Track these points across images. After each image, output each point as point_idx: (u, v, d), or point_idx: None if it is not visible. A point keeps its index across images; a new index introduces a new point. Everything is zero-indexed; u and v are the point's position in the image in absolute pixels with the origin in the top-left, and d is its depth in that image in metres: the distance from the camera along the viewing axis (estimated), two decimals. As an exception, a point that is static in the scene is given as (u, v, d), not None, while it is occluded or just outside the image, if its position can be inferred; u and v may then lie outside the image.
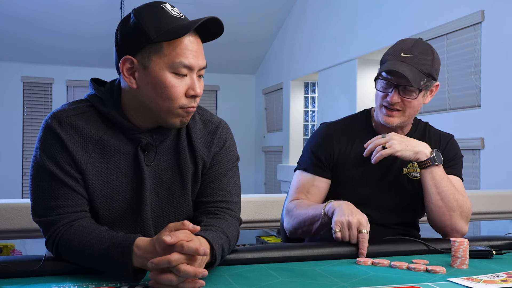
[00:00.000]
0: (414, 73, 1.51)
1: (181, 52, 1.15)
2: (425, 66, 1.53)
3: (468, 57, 4.06)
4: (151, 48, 1.15)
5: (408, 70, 1.50)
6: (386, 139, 1.54)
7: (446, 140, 1.69)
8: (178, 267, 0.98)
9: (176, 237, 1.00)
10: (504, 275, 1.18)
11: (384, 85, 1.57)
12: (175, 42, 1.15)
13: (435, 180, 1.53)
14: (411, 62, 1.52)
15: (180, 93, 1.17)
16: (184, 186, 1.27)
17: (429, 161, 1.52)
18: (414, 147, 1.53)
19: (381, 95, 1.59)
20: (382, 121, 1.60)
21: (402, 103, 1.56)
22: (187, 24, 1.15)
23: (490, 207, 2.68)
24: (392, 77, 1.54)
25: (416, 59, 1.53)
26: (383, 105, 1.59)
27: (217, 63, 8.02)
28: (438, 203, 1.53)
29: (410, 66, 1.51)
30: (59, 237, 1.14)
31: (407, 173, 1.64)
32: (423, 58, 1.54)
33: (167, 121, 1.21)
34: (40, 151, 1.18)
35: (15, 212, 1.84)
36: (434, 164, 1.52)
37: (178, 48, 1.15)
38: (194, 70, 1.18)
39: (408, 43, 1.57)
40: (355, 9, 5.75)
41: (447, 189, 1.53)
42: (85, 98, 1.26)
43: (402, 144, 1.52)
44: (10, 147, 7.89)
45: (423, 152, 1.53)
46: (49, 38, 7.31)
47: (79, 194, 1.18)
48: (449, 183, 1.54)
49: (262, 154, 8.71)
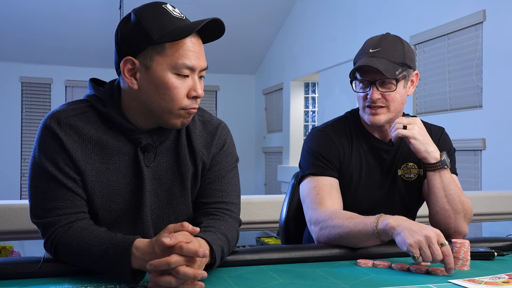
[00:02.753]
0: (386, 64, 1.50)
1: (184, 53, 1.15)
2: (396, 55, 1.53)
3: (469, 57, 4.05)
4: (153, 49, 1.14)
5: (378, 62, 1.49)
6: (410, 121, 1.52)
7: (438, 134, 1.67)
8: (178, 269, 0.97)
9: (175, 238, 0.99)
10: (506, 276, 1.17)
11: (362, 85, 1.57)
12: (177, 43, 1.14)
13: (443, 183, 1.52)
14: (380, 55, 1.52)
15: (182, 94, 1.17)
16: (184, 187, 1.27)
17: (440, 164, 1.51)
18: (428, 145, 1.52)
19: (362, 96, 1.57)
20: (368, 122, 1.57)
21: (384, 98, 1.54)
22: (190, 25, 1.15)
23: (491, 208, 2.67)
24: (366, 74, 1.54)
25: (385, 51, 1.52)
26: (366, 106, 1.57)
27: (217, 63, 8.02)
28: (444, 206, 1.52)
29: (380, 59, 1.51)
30: (57, 238, 1.14)
31: (402, 175, 1.64)
32: (392, 49, 1.53)
33: (168, 122, 1.20)
34: (38, 152, 1.17)
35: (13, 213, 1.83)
36: (443, 168, 1.51)
37: (180, 49, 1.15)
38: (196, 71, 1.18)
39: (375, 39, 1.58)
40: (355, 8, 5.75)
41: (453, 192, 1.52)
42: (84, 99, 1.25)
43: (420, 135, 1.51)
44: (8, 147, 7.89)
45: (433, 154, 1.51)
46: (48, 38, 7.31)
47: (77, 195, 1.17)
48: (456, 186, 1.53)
49: (262, 155, 8.70)
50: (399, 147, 1.64)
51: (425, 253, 1.17)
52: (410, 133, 1.51)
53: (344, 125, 1.66)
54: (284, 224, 1.91)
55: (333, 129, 1.65)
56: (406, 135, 1.51)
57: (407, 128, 1.51)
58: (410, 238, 1.19)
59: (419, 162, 1.63)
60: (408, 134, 1.51)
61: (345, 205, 1.55)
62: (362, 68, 1.53)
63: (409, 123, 1.52)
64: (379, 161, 1.62)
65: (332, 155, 1.59)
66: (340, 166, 1.60)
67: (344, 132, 1.64)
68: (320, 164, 1.58)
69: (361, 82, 1.57)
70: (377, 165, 1.62)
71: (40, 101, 8.08)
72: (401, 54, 1.54)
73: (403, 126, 1.52)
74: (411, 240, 1.19)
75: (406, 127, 1.51)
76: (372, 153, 1.63)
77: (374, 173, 1.63)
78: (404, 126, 1.52)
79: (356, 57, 1.60)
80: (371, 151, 1.63)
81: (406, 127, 1.51)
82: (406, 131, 1.51)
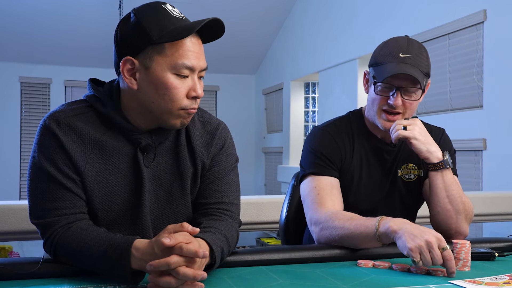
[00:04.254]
0: (418, 74, 1.48)
1: (184, 53, 1.15)
2: (423, 65, 1.51)
3: (470, 57, 4.05)
4: (153, 49, 1.14)
5: (414, 71, 1.47)
6: (410, 122, 1.51)
7: (439, 136, 1.66)
8: (177, 269, 0.97)
9: (175, 239, 0.99)
10: (507, 277, 1.17)
11: (384, 89, 1.53)
12: (177, 43, 1.14)
13: (445, 184, 1.51)
14: (411, 62, 1.49)
15: (181, 94, 1.17)
16: (184, 187, 1.26)
17: (442, 164, 1.50)
18: (429, 145, 1.51)
19: (380, 99, 1.54)
20: (381, 127, 1.55)
21: (403, 105, 1.52)
22: (189, 25, 1.15)
23: (492, 208, 2.67)
24: (394, 79, 1.49)
25: (416, 59, 1.50)
26: (383, 109, 1.54)
27: (217, 63, 8.02)
28: (446, 207, 1.51)
29: (413, 67, 1.48)
30: (57, 239, 1.14)
31: (401, 175, 1.63)
32: (420, 57, 1.51)
33: (167, 122, 1.20)
34: (38, 152, 1.17)
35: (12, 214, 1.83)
36: (446, 167, 1.51)
37: (180, 49, 1.15)
38: (195, 71, 1.18)
39: (401, 42, 1.53)
40: (356, 8, 5.74)
41: (455, 192, 1.51)
42: (84, 99, 1.25)
43: (421, 135, 1.50)
44: (7, 148, 7.87)
45: (435, 154, 1.50)
46: (47, 38, 7.30)
47: (77, 195, 1.17)
48: (457, 186, 1.53)
49: (262, 155, 8.70)
50: (400, 148, 1.63)
51: (425, 257, 1.17)
52: (411, 133, 1.49)
53: (346, 124, 1.65)
54: (284, 225, 1.90)
55: (335, 128, 1.63)
56: (406, 136, 1.49)
57: (407, 129, 1.50)
58: (411, 242, 1.19)
59: (419, 163, 1.63)
60: (409, 134, 1.49)
61: (345, 205, 1.54)
62: (398, 74, 1.47)
63: (409, 124, 1.51)
64: (380, 162, 1.62)
65: (334, 154, 1.58)
66: (341, 166, 1.59)
67: (346, 131, 1.63)
68: (321, 163, 1.57)
69: (385, 85, 1.52)
70: (378, 166, 1.62)
71: (39, 101, 8.07)
72: (427, 64, 1.52)
73: (403, 127, 1.50)
74: (411, 245, 1.19)
75: (406, 128, 1.50)
76: (373, 153, 1.63)
77: (375, 173, 1.62)
78: (404, 127, 1.50)
79: (381, 58, 1.53)
80: (373, 152, 1.63)
81: (406, 128, 1.50)
82: (407, 132, 1.49)
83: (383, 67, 1.51)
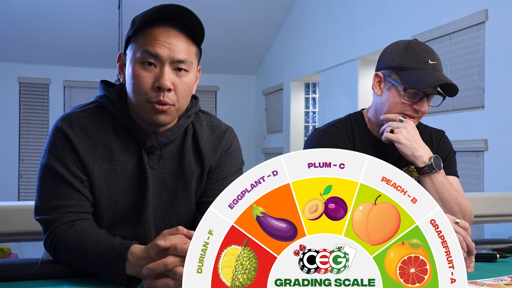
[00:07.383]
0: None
1: (149, 41, 1.14)
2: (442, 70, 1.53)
3: (471, 57, 4.04)
4: (131, 41, 1.17)
5: (448, 78, 1.47)
6: (398, 125, 1.50)
7: (439, 138, 1.66)
8: (174, 269, 0.96)
9: (170, 241, 0.98)
10: (508, 278, 1.16)
11: (414, 95, 1.50)
12: (146, 32, 1.14)
13: (435, 187, 1.50)
14: (440, 69, 1.50)
15: (146, 84, 1.14)
16: (188, 190, 1.27)
17: (426, 168, 1.49)
18: (415, 149, 1.50)
19: (406, 104, 1.52)
20: None
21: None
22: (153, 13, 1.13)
23: (493, 209, 2.66)
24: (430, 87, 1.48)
25: (440, 66, 1.51)
26: (407, 114, 1.53)
27: (216, 64, 8.02)
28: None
29: (445, 75, 1.49)
30: (58, 236, 1.13)
31: None
32: (441, 63, 1.52)
33: (144, 117, 1.18)
34: (48, 153, 1.18)
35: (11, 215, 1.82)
36: (431, 171, 1.50)
37: (147, 38, 1.14)
38: (164, 61, 1.14)
39: (425, 47, 1.52)
40: (356, 8, 5.74)
41: (447, 195, 1.50)
42: (95, 100, 1.26)
43: (407, 139, 1.49)
44: (6, 149, 7.88)
45: (421, 158, 1.49)
46: (46, 38, 7.31)
47: (83, 195, 1.18)
48: (450, 188, 1.52)
49: (262, 156, 8.70)
50: None
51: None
52: (395, 137, 1.49)
53: (346, 126, 1.64)
54: (285, 225, 1.89)
55: (336, 130, 1.63)
56: (391, 139, 1.50)
57: (394, 132, 1.50)
58: None
59: None
60: (393, 138, 1.49)
61: None
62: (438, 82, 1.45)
63: (397, 127, 1.50)
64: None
65: None
66: None
67: (347, 133, 1.63)
68: None
69: (415, 91, 1.49)
70: None
71: (38, 102, 8.07)
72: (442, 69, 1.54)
73: (391, 130, 1.50)
74: None
75: (393, 131, 1.50)
76: (375, 155, 1.61)
77: None
78: (391, 130, 1.50)
79: (408, 63, 1.50)
80: (375, 154, 1.61)
81: (393, 131, 1.50)
82: (392, 135, 1.49)
83: (417, 73, 1.48)
